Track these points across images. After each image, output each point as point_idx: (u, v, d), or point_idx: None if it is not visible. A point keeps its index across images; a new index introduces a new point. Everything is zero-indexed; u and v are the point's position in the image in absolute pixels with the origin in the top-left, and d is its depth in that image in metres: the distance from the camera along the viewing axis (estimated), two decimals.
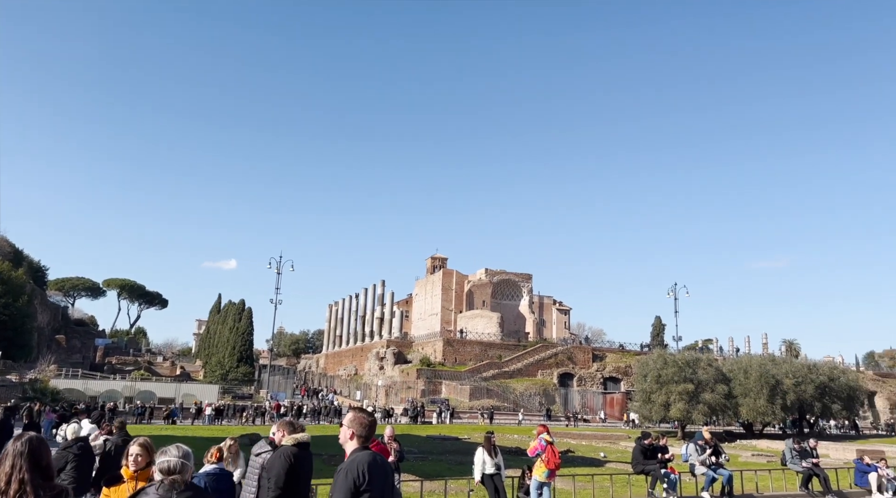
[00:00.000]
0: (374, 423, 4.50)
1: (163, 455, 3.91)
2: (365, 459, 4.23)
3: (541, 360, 76.47)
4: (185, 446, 3.99)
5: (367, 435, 4.42)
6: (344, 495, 4.10)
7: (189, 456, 3.97)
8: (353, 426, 4.41)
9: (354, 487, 4.12)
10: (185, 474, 3.79)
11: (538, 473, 12.11)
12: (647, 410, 43.80)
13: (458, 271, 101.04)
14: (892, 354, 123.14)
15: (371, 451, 4.37)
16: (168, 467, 3.79)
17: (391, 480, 4.43)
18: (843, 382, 46.47)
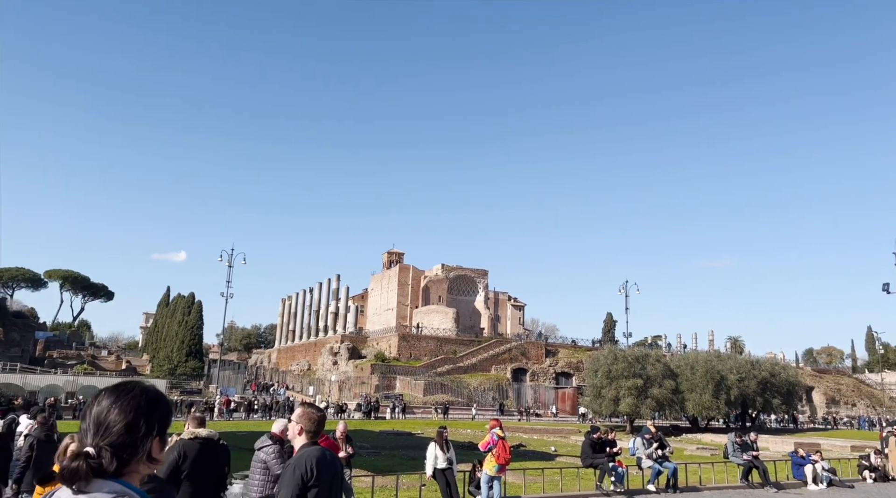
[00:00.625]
0: (323, 418, 4.46)
1: None
2: (313, 454, 4.20)
3: (495, 355, 77.13)
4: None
5: (317, 430, 4.38)
6: (291, 491, 4.05)
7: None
8: (302, 421, 4.36)
9: (302, 483, 4.08)
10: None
11: (488, 468, 12.24)
12: (597, 404, 44.63)
13: (414, 266, 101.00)
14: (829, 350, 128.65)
15: (320, 446, 4.34)
16: None
17: (340, 475, 4.40)
18: (784, 377, 48.32)
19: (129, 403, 1.83)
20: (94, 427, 1.79)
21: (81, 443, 1.79)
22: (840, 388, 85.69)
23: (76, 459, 1.71)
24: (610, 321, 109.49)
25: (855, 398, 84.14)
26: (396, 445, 26.30)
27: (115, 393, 1.85)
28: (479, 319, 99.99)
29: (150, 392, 1.92)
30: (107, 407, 1.81)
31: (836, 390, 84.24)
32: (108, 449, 1.76)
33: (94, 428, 1.79)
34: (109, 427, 1.78)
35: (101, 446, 1.76)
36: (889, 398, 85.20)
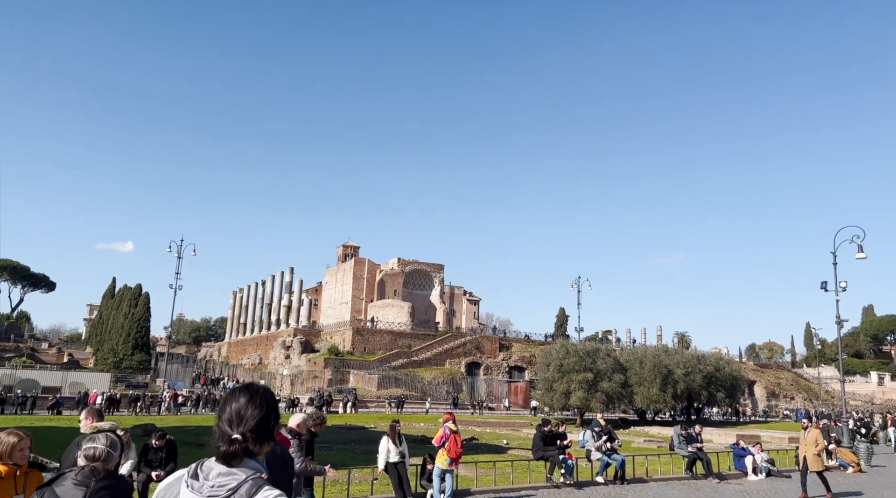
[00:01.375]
0: None
1: (90, 442, 3.83)
2: None
3: (450, 349, 77.44)
4: (114, 436, 3.93)
5: None
6: None
7: (116, 446, 3.91)
8: None
9: None
10: (109, 464, 3.76)
11: (440, 461, 12.30)
12: (549, 398, 45.29)
13: (370, 260, 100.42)
14: (770, 346, 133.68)
15: None
16: (93, 455, 3.73)
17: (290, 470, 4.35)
18: (728, 372, 49.98)
19: (261, 399, 2.38)
20: (237, 418, 2.30)
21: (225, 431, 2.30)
22: (780, 382, 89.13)
23: (233, 444, 2.24)
24: (562, 316, 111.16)
25: (793, 392, 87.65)
26: (349, 439, 26.16)
27: (248, 392, 2.39)
28: (434, 314, 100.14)
29: (270, 391, 2.51)
30: (245, 403, 2.33)
31: (776, 384, 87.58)
32: (251, 435, 2.28)
33: (237, 419, 2.29)
34: (248, 419, 2.30)
35: (245, 433, 2.27)
36: (825, 392, 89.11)
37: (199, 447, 21.20)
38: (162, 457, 10.96)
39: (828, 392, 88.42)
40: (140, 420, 32.67)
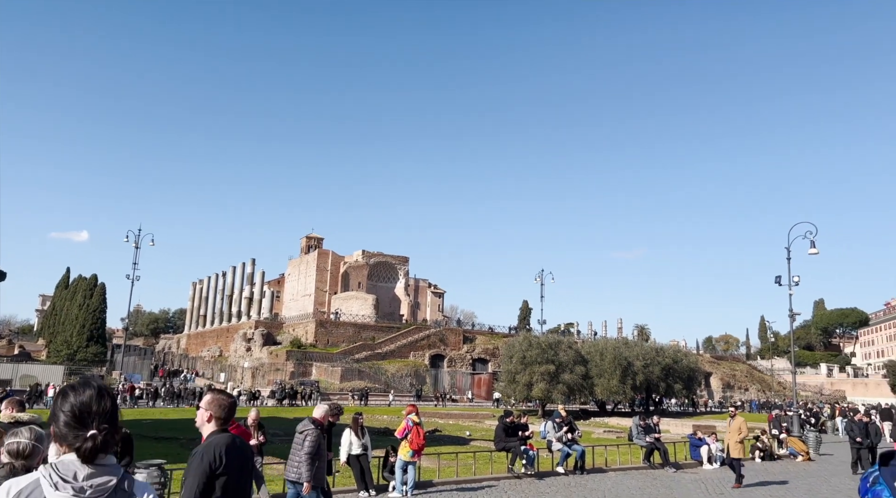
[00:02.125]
0: (233, 404, 4.32)
1: (13, 436, 3.55)
2: (223, 441, 4.06)
3: (414, 342, 77.44)
4: (39, 429, 3.63)
5: (226, 417, 4.24)
6: (198, 479, 3.90)
7: (42, 439, 3.61)
8: (211, 408, 4.20)
9: (210, 471, 3.94)
10: (34, 459, 3.42)
11: (403, 453, 12.31)
12: (511, 389, 45.68)
13: (333, 252, 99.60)
14: (726, 338, 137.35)
15: (230, 433, 4.20)
16: (17, 449, 3.45)
17: (250, 463, 4.29)
18: (685, 364, 51.14)
19: (106, 392, 2.32)
20: (89, 414, 2.23)
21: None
22: (735, 373, 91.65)
23: (94, 440, 2.20)
24: (526, 309, 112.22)
25: (748, 383, 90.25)
26: None
27: (91, 386, 2.31)
28: (398, 306, 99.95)
29: (106, 384, 2.48)
30: (93, 397, 2.27)
31: (731, 376, 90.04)
32: (107, 428, 2.25)
33: (88, 415, 2.23)
34: (100, 413, 2.25)
35: (102, 428, 2.24)
36: (777, 383, 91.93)
37: (157, 441, 20.78)
38: (117, 451, 10.67)
39: (780, 383, 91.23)
40: None
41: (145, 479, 9.28)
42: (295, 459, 8.19)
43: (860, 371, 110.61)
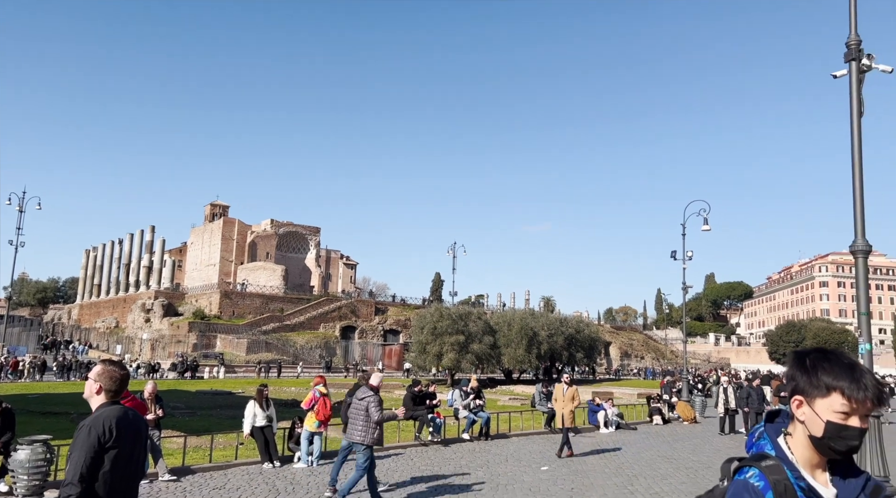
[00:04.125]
0: (126, 377, 4.10)
1: None
2: (113, 414, 3.85)
3: (324, 313, 76.54)
4: None
5: (118, 389, 4.02)
6: (85, 453, 3.69)
7: None
8: (101, 380, 3.98)
9: (99, 445, 3.73)
10: None
11: (309, 424, 12.24)
12: (422, 360, 46.29)
13: (240, 221, 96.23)
14: (625, 310, 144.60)
15: (121, 406, 4.00)
16: None
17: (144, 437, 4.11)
18: (587, 334, 53.51)
19: None
20: None
21: None
22: (632, 343, 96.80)
23: None
24: (438, 281, 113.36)
25: (644, 352, 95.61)
26: (214, 404, 25.27)
27: None
28: (309, 277, 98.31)
29: None
30: None
31: (629, 345, 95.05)
32: None
33: None
34: None
35: None
36: (670, 352, 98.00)
37: (45, 416, 19.58)
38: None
39: (673, 352, 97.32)
40: None
41: (29, 455, 8.73)
42: (359, 422, 9.10)
43: (743, 340, 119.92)
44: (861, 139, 9.87)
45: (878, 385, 1.68)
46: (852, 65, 10.02)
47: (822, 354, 1.76)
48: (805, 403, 1.73)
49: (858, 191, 9.68)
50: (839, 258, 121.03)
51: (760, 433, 1.86)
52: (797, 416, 1.75)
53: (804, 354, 1.79)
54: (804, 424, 1.73)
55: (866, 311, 9.33)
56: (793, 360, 1.81)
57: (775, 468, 1.70)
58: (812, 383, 1.71)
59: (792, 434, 1.79)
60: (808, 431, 1.72)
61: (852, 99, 9.94)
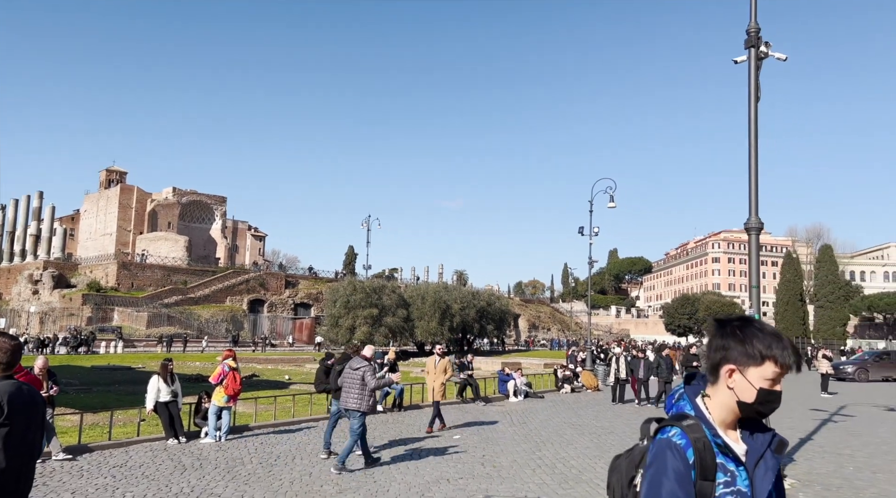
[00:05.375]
0: (18, 348, 3.79)
1: None
2: (6, 388, 3.56)
3: (231, 286, 74.14)
4: None
5: (9, 361, 3.71)
6: None
7: None
8: None
9: None
10: None
11: (217, 399, 11.89)
12: (334, 333, 45.88)
13: (139, 188, 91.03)
14: (534, 283, 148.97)
15: (16, 380, 3.70)
16: None
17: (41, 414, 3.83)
18: (498, 307, 54.76)
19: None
20: None
21: None
22: (540, 315, 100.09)
23: None
24: (351, 254, 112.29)
25: (551, 324, 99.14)
26: (112, 380, 24.01)
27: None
28: (214, 249, 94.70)
29: None
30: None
31: (537, 317, 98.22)
32: None
33: None
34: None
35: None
36: (575, 324, 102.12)
37: None
38: None
39: (578, 324, 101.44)
40: None
41: None
42: (354, 390, 9.55)
43: (642, 312, 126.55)
44: (757, 123, 10.52)
45: (797, 352, 1.80)
46: (751, 51, 10.60)
47: (747, 322, 1.83)
48: (738, 371, 1.78)
49: (753, 172, 10.33)
50: (730, 235, 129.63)
51: (680, 395, 1.93)
52: (727, 384, 1.81)
53: (729, 322, 1.85)
54: (733, 391, 1.80)
55: (757, 284, 10.03)
56: (721, 329, 1.85)
57: (695, 427, 1.77)
58: (746, 353, 1.77)
59: (711, 396, 1.86)
60: (738, 397, 1.79)
61: (750, 84, 10.54)
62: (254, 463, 10.10)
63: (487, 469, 9.89)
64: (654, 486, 1.72)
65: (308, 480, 9.02)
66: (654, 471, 1.74)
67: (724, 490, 1.72)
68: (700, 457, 1.72)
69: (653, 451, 1.79)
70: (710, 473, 1.72)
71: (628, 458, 1.98)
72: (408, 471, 9.69)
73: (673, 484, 1.70)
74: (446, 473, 9.51)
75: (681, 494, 1.69)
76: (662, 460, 1.73)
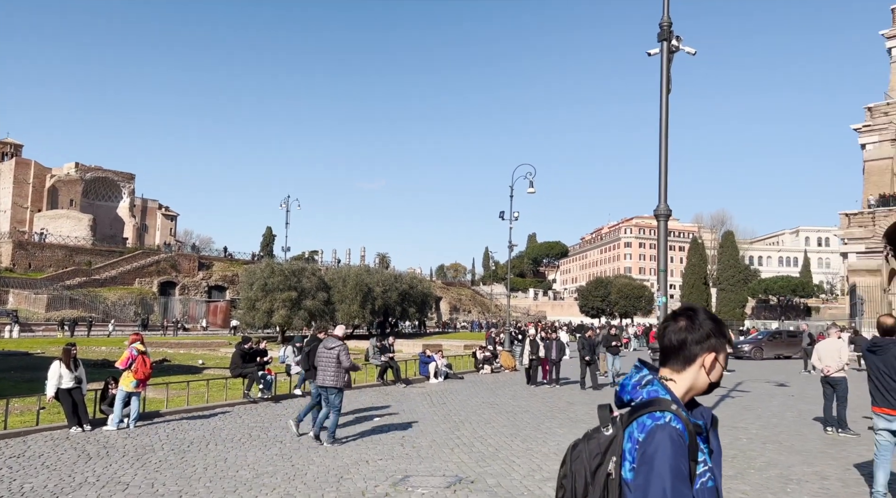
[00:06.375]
0: None
1: None
2: None
3: (140, 267, 70.77)
4: None
5: None
6: None
7: None
8: None
9: None
10: None
11: (125, 384, 11.38)
12: (251, 317, 44.76)
13: (37, 163, 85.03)
14: (455, 266, 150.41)
15: None
16: None
17: None
18: (420, 289, 55.01)
19: None
20: None
21: None
22: (461, 298, 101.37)
23: None
24: (269, 235, 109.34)
25: (471, 306, 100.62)
26: (7, 366, 22.48)
27: None
28: (122, 228, 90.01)
29: None
30: None
31: (458, 300, 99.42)
32: None
33: None
34: None
35: None
36: (495, 306, 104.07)
37: None
38: None
39: (497, 306, 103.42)
40: None
41: None
42: (330, 369, 10.10)
43: (559, 295, 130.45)
44: (668, 114, 11.00)
45: None
46: (664, 45, 11.04)
47: (708, 313, 1.98)
48: (716, 358, 1.91)
49: (663, 161, 10.82)
50: (641, 221, 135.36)
51: (649, 380, 1.90)
52: (705, 368, 1.91)
53: (696, 315, 1.95)
54: (708, 374, 1.91)
55: (665, 267, 10.54)
56: (702, 319, 1.93)
57: (679, 411, 1.78)
58: (721, 342, 1.92)
59: (676, 381, 1.92)
60: (711, 380, 1.92)
61: (662, 76, 10.99)
62: (165, 450, 9.76)
63: (407, 450, 9.98)
64: (663, 473, 1.67)
65: (223, 465, 8.82)
66: (662, 458, 1.68)
67: (703, 468, 1.77)
68: (692, 440, 1.75)
69: (655, 438, 1.71)
70: (695, 455, 1.75)
71: (588, 445, 1.89)
72: (326, 453, 9.64)
73: (683, 469, 1.70)
74: (365, 455, 9.53)
75: (688, 480, 1.70)
76: (667, 447, 1.69)
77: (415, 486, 7.77)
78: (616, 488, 1.79)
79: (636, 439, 1.76)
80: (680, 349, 1.92)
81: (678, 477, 1.67)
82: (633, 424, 1.79)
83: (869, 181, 44.55)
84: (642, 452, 1.72)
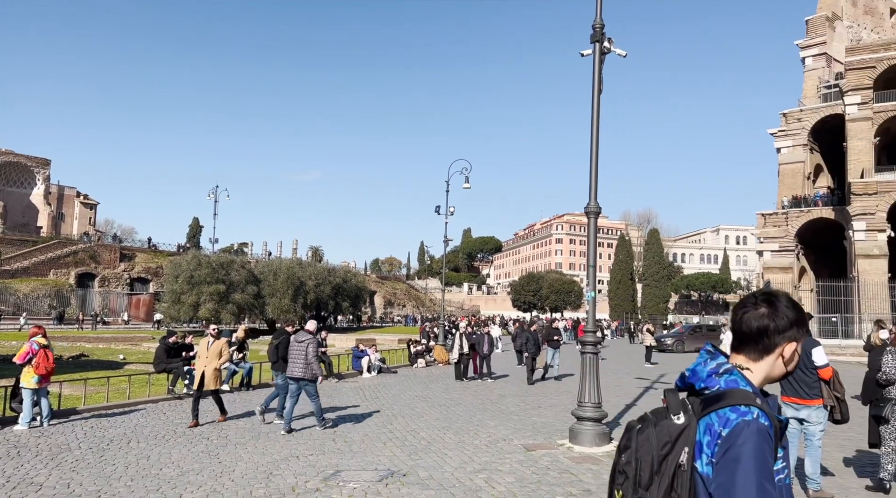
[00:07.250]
0: None
1: None
2: None
3: (56, 258, 66.99)
4: None
5: None
6: None
7: None
8: None
9: None
10: None
11: (26, 380, 10.74)
12: (176, 310, 43.25)
13: None
14: (391, 260, 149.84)
15: None
16: None
17: None
18: (354, 283, 54.49)
19: None
20: None
21: None
22: (396, 292, 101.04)
23: None
24: (196, 226, 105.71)
25: (406, 301, 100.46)
26: None
27: None
28: (35, 216, 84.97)
29: None
30: None
31: (393, 294, 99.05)
32: None
33: None
34: None
35: None
36: (430, 300, 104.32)
37: None
38: None
39: (432, 300, 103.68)
40: None
41: None
42: (300, 361, 10.70)
43: (492, 289, 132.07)
44: (599, 114, 11.29)
45: None
46: (596, 46, 11.32)
47: (789, 297, 1.87)
48: (796, 349, 1.81)
49: (594, 160, 11.11)
50: (573, 218, 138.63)
51: (727, 369, 1.80)
52: (783, 358, 1.81)
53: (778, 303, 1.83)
54: (786, 364, 1.81)
55: (594, 263, 10.84)
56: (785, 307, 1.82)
57: (765, 406, 1.67)
58: (803, 332, 1.82)
59: (752, 370, 1.82)
60: (787, 369, 1.82)
61: (594, 77, 11.27)
62: (82, 449, 9.31)
63: (339, 444, 9.90)
64: (752, 473, 1.55)
65: (146, 463, 8.50)
66: (750, 456, 1.56)
67: (781, 464, 1.67)
68: (777, 437, 1.65)
69: (744, 435, 1.59)
70: (776, 451, 1.65)
71: (657, 431, 1.75)
72: (255, 450, 9.45)
73: (771, 469, 1.59)
74: (296, 451, 9.39)
75: (773, 480, 1.60)
76: (756, 445, 1.57)
77: (346, 480, 7.72)
78: (686, 481, 1.66)
79: (717, 433, 1.63)
80: (760, 337, 1.81)
81: (767, 477, 1.55)
82: (713, 416, 1.66)
83: (783, 183, 47.17)
84: (726, 447, 1.59)
